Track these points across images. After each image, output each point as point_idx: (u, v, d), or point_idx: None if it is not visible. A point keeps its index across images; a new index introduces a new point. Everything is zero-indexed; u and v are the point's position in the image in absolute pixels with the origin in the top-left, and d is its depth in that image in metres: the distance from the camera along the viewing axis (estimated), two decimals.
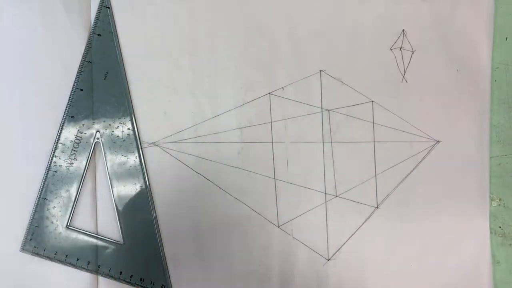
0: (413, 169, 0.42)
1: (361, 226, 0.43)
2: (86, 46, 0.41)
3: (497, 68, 0.43)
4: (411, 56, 0.42)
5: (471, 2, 0.42)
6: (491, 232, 0.43)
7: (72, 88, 0.41)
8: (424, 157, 0.42)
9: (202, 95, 0.42)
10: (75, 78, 0.41)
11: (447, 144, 0.42)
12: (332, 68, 0.42)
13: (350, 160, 0.42)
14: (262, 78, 0.42)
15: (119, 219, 0.41)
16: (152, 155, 0.42)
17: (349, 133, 0.42)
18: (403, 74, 0.42)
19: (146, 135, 0.42)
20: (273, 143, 0.42)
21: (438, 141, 0.43)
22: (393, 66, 0.42)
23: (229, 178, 0.42)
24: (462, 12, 0.42)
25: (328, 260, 0.43)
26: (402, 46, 0.42)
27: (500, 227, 0.43)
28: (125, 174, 0.41)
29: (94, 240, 0.41)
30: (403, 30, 0.42)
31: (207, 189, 0.42)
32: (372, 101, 0.42)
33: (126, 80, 0.41)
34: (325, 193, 0.42)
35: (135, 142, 0.42)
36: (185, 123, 0.42)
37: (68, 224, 0.41)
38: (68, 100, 0.41)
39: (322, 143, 0.42)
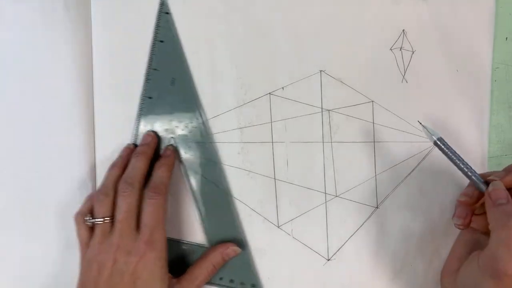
0: (413, 169, 0.42)
1: (361, 226, 0.43)
2: (150, 53, 0.41)
3: (497, 68, 0.43)
4: (411, 56, 0.42)
5: (471, 2, 0.42)
6: None
7: (141, 97, 0.41)
8: (424, 157, 0.42)
9: (202, 95, 0.42)
10: (143, 87, 0.41)
11: None
12: (332, 68, 0.42)
13: (350, 160, 0.42)
14: (262, 78, 0.42)
15: (203, 223, 0.42)
16: None
17: (349, 133, 0.42)
18: (403, 74, 0.42)
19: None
20: (273, 143, 0.42)
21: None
22: (393, 66, 0.42)
23: (229, 178, 0.42)
24: (462, 12, 0.42)
25: (328, 260, 0.43)
26: (402, 46, 0.42)
27: None
28: (206, 178, 0.42)
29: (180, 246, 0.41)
30: (403, 30, 0.42)
31: (207, 189, 0.42)
32: (372, 101, 0.42)
33: (194, 83, 0.42)
34: (325, 193, 0.42)
35: (209, 144, 0.42)
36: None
37: None
38: (138, 109, 0.41)
39: (322, 143, 0.42)
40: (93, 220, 0.37)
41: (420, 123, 0.40)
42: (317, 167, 0.42)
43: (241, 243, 0.41)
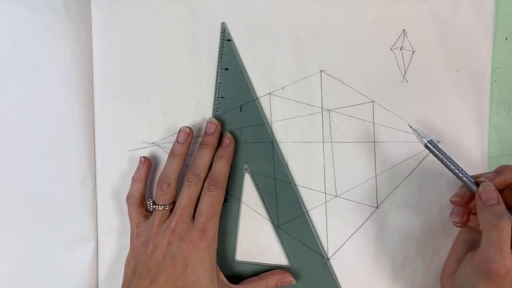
0: (413, 169, 0.42)
1: (361, 226, 0.43)
2: (217, 82, 0.42)
3: (497, 68, 0.43)
4: (411, 56, 0.42)
5: (471, 2, 0.42)
6: None
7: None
8: (424, 157, 0.42)
9: (202, 95, 0.42)
10: (212, 115, 0.42)
11: (447, 144, 0.42)
12: (332, 68, 0.42)
13: (350, 160, 0.42)
14: (262, 78, 0.42)
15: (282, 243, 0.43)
16: (152, 155, 0.42)
17: (349, 133, 0.42)
18: (403, 74, 0.42)
19: (146, 135, 0.42)
20: (273, 143, 0.42)
21: (438, 141, 0.43)
22: (393, 66, 0.42)
23: (229, 178, 0.42)
24: (462, 12, 0.42)
25: (328, 260, 0.43)
26: (403, 46, 0.42)
27: None
28: (285, 201, 0.42)
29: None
30: (403, 30, 0.42)
31: None
32: (372, 101, 0.42)
33: (261, 106, 0.42)
34: (325, 193, 0.42)
35: (283, 167, 0.42)
36: (185, 123, 0.42)
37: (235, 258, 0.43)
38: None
39: (322, 143, 0.42)
40: (155, 207, 0.39)
41: (411, 127, 0.40)
42: (317, 167, 0.42)
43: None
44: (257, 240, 0.43)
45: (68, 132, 0.42)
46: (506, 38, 0.43)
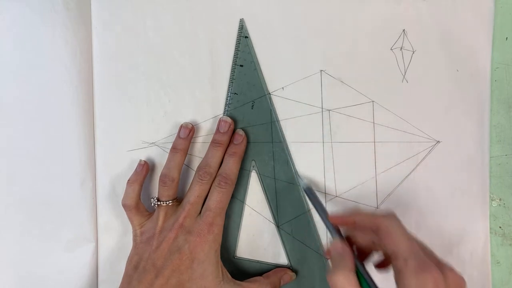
0: (413, 169, 0.42)
1: None
2: (230, 77, 0.42)
3: (497, 68, 0.43)
4: (412, 56, 0.42)
5: (471, 2, 0.42)
6: (491, 232, 0.43)
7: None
8: (424, 157, 0.42)
9: (202, 95, 0.42)
10: (224, 111, 0.42)
11: (447, 144, 0.42)
12: (332, 68, 0.42)
13: (350, 160, 0.42)
14: (262, 78, 0.42)
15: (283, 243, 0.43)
16: (152, 155, 0.42)
17: (349, 133, 0.42)
18: (403, 74, 0.42)
19: (146, 135, 0.42)
20: (273, 143, 0.42)
21: (438, 141, 0.43)
22: (394, 66, 0.42)
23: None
24: (462, 12, 0.42)
25: (328, 259, 0.43)
26: (403, 46, 0.42)
27: (500, 227, 0.43)
28: (288, 200, 0.42)
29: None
30: (403, 30, 0.42)
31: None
32: (372, 101, 0.42)
33: (273, 105, 0.42)
34: (325, 193, 0.42)
35: (290, 166, 0.42)
36: None
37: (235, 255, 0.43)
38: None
39: (322, 143, 0.42)
40: (159, 203, 0.39)
41: (298, 176, 0.42)
42: (317, 167, 0.42)
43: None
44: (258, 239, 0.43)
45: (68, 132, 0.42)
46: (506, 38, 0.43)
